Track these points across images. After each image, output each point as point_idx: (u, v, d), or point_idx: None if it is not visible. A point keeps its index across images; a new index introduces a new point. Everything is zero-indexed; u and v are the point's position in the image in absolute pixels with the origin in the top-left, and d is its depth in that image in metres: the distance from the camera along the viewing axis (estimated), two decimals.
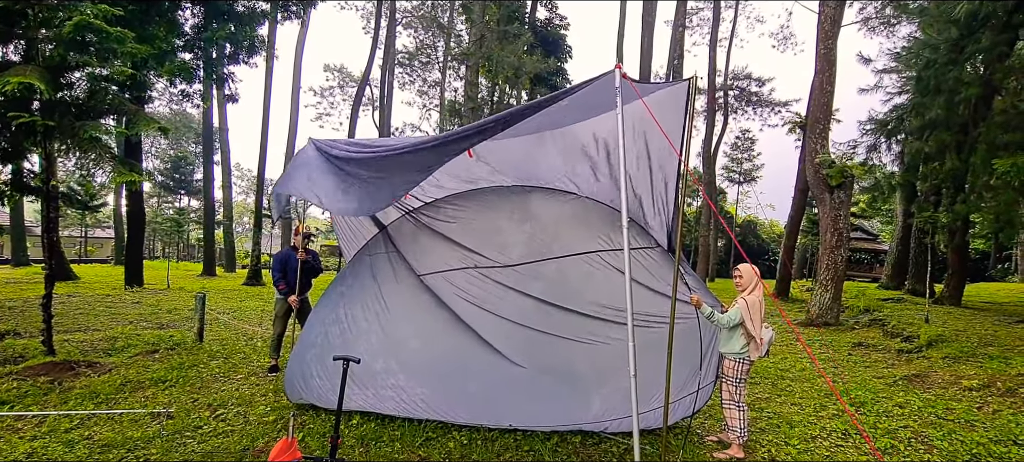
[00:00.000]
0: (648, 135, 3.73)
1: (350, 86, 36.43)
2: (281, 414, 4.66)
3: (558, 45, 21.44)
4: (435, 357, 4.91)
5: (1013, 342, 8.05)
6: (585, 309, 4.69)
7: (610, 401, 4.44)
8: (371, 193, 3.93)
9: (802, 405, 5.61)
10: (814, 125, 12.63)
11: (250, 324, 9.67)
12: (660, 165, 3.88)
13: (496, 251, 4.94)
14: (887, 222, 32.24)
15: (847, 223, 12.09)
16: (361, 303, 5.26)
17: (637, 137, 3.80)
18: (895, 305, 13.92)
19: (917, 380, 6.68)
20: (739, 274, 4.38)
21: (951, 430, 4.69)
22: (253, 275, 17.73)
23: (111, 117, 7.24)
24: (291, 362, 5.00)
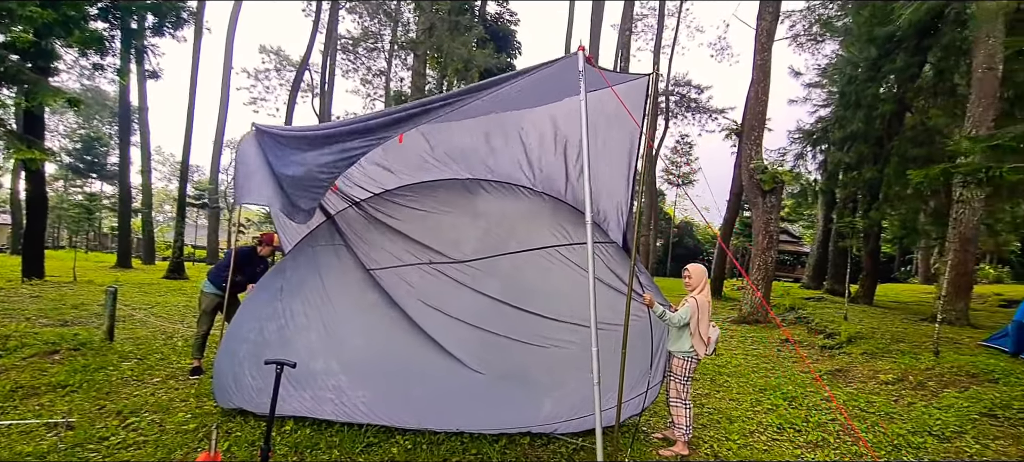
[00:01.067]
0: (607, 129, 3.67)
1: (288, 70, 34.54)
2: (204, 422, 4.23)
3: (508, 41, 21.34)
4: (380, 357, 4.64)
5: (920, 339, 8.79)
6: (541, 309, 4.59)
7: (562, 404, 4.36)
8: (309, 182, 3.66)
9: (739, 400, 5.81)
10: (750, 132, 13.25)
11: (170, 321, 8.88)
12: (618, 160, 3.83)
13: (450, 246, 4.75)
14: (808, 226, 34.69)
15: (778, 226, 12.79)
16: (302, 297, 4.92)
17: (596, 130, 3.74)
18: (817, 304, 14.92)
19: (840, 375, 7.12)
20: (689, 274, 4.44)
21: (874, 422, 5.00)
22: (175, 268, 16.39)
23: (7, 87, 6.37)
24: (220, 359, 4.58)
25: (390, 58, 30.30)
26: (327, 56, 24.58)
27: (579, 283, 4.53)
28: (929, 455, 4.24)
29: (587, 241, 2.79)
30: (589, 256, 2.80)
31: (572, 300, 4.49)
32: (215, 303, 5.60)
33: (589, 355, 4.54)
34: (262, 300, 4.88)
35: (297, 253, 5.15)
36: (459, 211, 4.81)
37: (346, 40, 30.10)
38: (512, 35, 21.90)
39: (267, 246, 5.83)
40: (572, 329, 4.55)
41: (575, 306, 4.49)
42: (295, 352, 4.62)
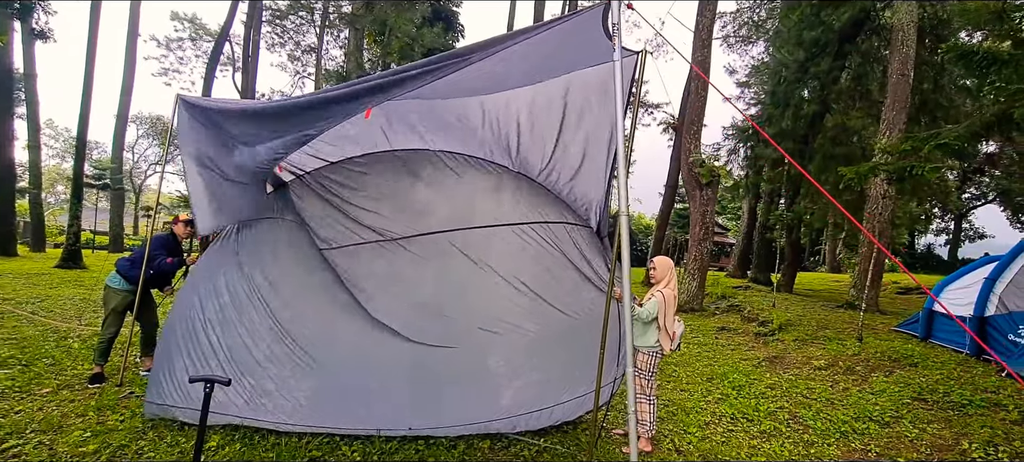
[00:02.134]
0: (586, 108, 3.43)
1: (205, 41, 31.61)
2: (106, 442, 3.59)
3: (451, 23, 20.65)
4: (331, 345, 4.26)
5: (842, 325, 9.40)
6: (503, 301, 4.31)
7: (522, 396, 4.13)
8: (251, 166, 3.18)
9: (691, 391, 5.86)
10: (689, 127, 13.62)
11: (64, 318, 7.73)
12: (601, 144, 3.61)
13: (413, 219, 4.40)
14: (732, 219, 36.84)
15: (713, 218, 13.29)
16: (245, 274, 4.40)
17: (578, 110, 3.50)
18: (745, 293, 15.73)
19: (776, 361, 7.42)
20: (654, 267, 4.33)
21: (818, 409, 5.17)
22: (70, 256, 14.46)
23: None
24: (158, 347, 4.09)
25: (321, 34, 28.49)
26: (251, 27, 22.65)
27: (548, 265, 4.32)
28: (872, 440, 4.42)
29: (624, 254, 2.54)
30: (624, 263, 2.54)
31: (540, 282, 4.26)
32: (126, 301, 4.86)
33: (548, 345, 4.40)
34: (204, 274, 4.35)
35: (242, 225, 4.58)
36: (424, 184, 4.47)
37: (272, 12, 27.96)
38: (455, 17, 21.21)
39: (185, 226, 5.22)
40: (534, 317, 4.32)
41: (541, 290, 4.28)
42: (235, 334, 4.17)
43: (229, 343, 4.10)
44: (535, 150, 4.11)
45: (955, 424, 4.56)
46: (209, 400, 2.11)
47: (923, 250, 37.68)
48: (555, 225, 4.36)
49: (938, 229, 38.87)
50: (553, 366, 4.21)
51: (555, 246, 4.35)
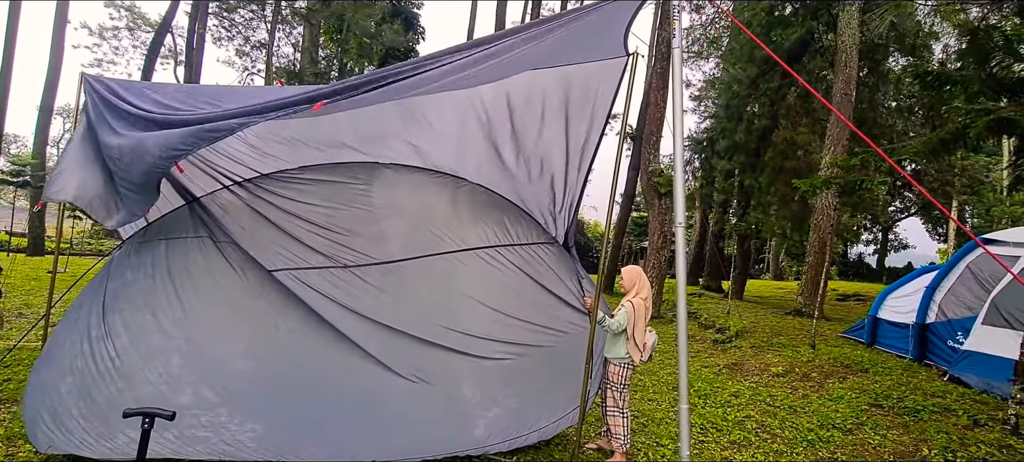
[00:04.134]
0: (563, 111, 3.28)
1: (144, 31, 29.64)
2: None
3: (412, 23, 20.24)
4: (277, 380, 3.77)
5: (794, 332, 9.72)
6: (473, 325, 4.04)
7: (496, 426, 3.84)
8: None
9: (658, 401, 5.82)
10: (648, 138, 13.86)
11: None
12: (575, 148, 3.46)
13: (369, 244, 4.01)
14: None
15: (671, 227, 13.56)
16: (151, 307, 3.84)
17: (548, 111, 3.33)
18: (699, 300, 16.14)
19: (735, 368, 7.54)
20: (622, 277, 4.23)
21: (784, 417, 5.24)
22: None
23: None
24: (29, 396, 3.40)
25: (272, 29, 27.32)
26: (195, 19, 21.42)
27: (519, 288, 4.11)
28: (838, 448, 4.49)
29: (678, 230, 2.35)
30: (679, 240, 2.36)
31: (511, 306, 4.03)
32: None
33: (524, 370, 4.18)
34: (87, 314, 3.72)
35: (138, 249, 4.02)
36: (379, 201, 4.11)
37: (220, 4, 26.57)
38: (416, 18, 20.83)
39: None
40: (504, 340, 4.09)
41: (513, 313, 4.05)
42: (146, 383, 3.59)
43: (138, 396, 3.51)
44: (503, 154, 3.91)
45: (913, 430, 4.71)
46: (148, 437, 1.79)
47: (854, 259, 40.22)
48: (522, 247, 4.16)
49: (867, 240, 41.60)
50: (530, 391, 3.98)
51: (523, 269, 4.14)
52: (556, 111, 3.47)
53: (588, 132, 3.39)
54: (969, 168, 22.61)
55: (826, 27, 14.61)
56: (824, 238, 12.22)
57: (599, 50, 2.86)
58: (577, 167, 3.60)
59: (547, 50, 2.49)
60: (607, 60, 3.03)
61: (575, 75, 3.23)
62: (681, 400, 2.45)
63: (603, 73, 3.00)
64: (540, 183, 3.90)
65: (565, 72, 3.22)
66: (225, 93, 3.11)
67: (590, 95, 3.31)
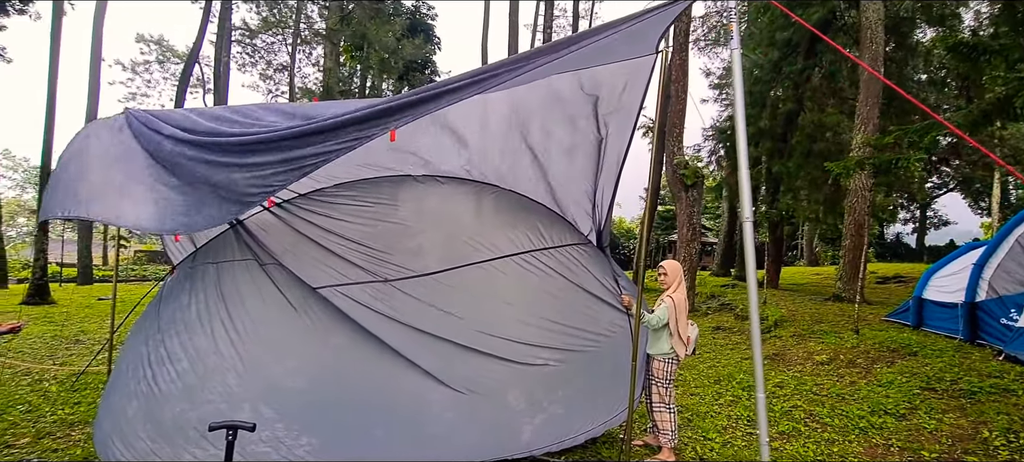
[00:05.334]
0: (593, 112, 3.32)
1: (173, 63, 30.81)
2: None
3: (428, 35, 20.55)
4: (329, 396, 3.88)
5: (835, 318, 9.51)
6: (513, 332, 4.09)
7: (542, 432, 3.88)
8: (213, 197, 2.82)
9: (701, 395, 5.78)
10: (672, 130, 13.73)
11: (35, 359, 7.25)
12: (606, 148, 3.49)
13: (409, 257, 4.11)
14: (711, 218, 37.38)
15: (700, 219, 13.40)
16: (205, 330, 4.02)
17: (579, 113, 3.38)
18: (732, 290, 15.88)
19: (777, 358, 7.43)
20: (664, 271, 4.24)
21: (832, 406, 5.15)
22: (37, 291, 13.71)
23: None
24: (100, 421, 3.62)
25: (293, 51, 28.06)
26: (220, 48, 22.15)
27: (556, 292, 4.15)
28: (892, 434, 4.39)
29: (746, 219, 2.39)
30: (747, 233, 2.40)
31: (551, 311, 4.07)
32: None
33: (568, 376, 4.22)
34: (146, 339, 3.92)
35: (192, 274, 4.21)
36: (415, 213, 4.21)
37: (242, 31, 27.43)
38: (431, 29, 21.13)
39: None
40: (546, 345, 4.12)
41: (554, 319, 4.09)
42: (208, 402, 3.76)
43: (200, 415, 3.65)
44: (534, 158, 3.96)
45: (970, 412, 4.58)
46: (232, 449, 1.91)
47: (892, 239, 38.91)
48: (557, 249, 4.20)
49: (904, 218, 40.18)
50: (575, 397, 4.00)
51: (560, 272, 4.18)
52: (586, 112, 3.50)
53: (619, 131, 3.42)
54: (1008, 138, 21.68)
55: (848, 3, 14.26)
56: (860, 220, 11.92)
57: (630, 49, 2.90)
58: (610, 167, 3.63)
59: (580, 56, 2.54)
60: (637, 58, 3.07)
61: (604, 75, 3.27)
62: (758, 389, 2.48)
63: (632, 71, 3.03)
64: (573, 185, 3.95)
65: (594, 72, 3.26)
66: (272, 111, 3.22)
67: (620, 93, 3.34)
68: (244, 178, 2.75)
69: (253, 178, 2.73)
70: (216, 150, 2.82)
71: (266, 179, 2.70)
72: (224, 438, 2.67)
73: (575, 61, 2.60)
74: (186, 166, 2.90)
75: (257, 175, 2.73)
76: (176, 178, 2.99)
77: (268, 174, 2.70)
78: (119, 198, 3.08)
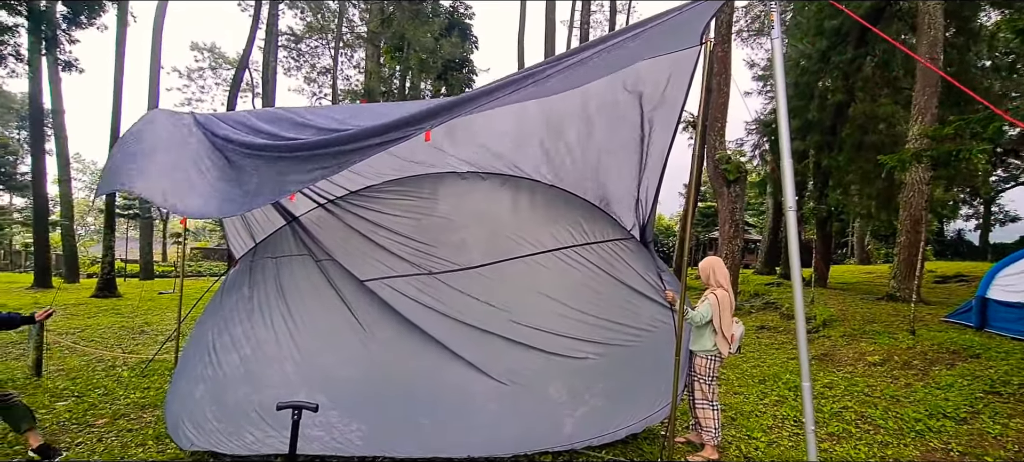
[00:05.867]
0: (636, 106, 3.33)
1: (224, 69, 32.36)
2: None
3: (466, 34, 20.80)
4: (377, 385, 4.07)
5: (888, 318, 9.10)
6: (555, 325, 4.15)
7: (584, 424, 3.93)
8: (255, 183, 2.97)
9: (745, 394, 5.67)
10: (713, 124, 13.42)
11: (106, 347, 7.82)
12: (649, 142, 3.50)
13: (453, 251, 4.24)
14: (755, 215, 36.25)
15: (743, 215, 13.05)
16: (265, 320, 4.27)
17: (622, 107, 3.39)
18: (777, 289, 15.38)
19: (826, 359, 7.18)
20: (698, 271, 4.21)
21: (886, 408, 4.96)
22: (105, 285, 14.76)
23: None
24: (170, 403, 3.89)
25: (336, 54, 28.92)
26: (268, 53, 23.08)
27: (599, 287, 4.18)
28: (951, 438, 4.20)
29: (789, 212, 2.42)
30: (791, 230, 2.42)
31: (592, 306, 4.11)
32: None
33: (608, 369, 4.24)
34: (212, 327, 4.21)
35: (253, 267, 4.47)
36: (460, 209, 4.33)
37: (288, 36, 28.47)
38: (469, 28, 21.37)
39: None
40: (587, 339, 4.16)
41: (595, 313, 4.13)
42: (269, 387, 4.01)
43: (261, 399, 3.90)
44: (586, 156, 3.99)
45: None
46: (297, 428, 2.06)
47: (953, 236, 36.66)
48: (599, 245, 4.22)
49: (966, 214, 37.75)
50: (616, 390, 4.03)
51: (602, 267, 4.20)
52: (629, 107, 3.51)
53: (663, 126, 3.41)
54: None
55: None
56: (917, 215, 11.32)
57: (673, 42, 2.90)
58: (653, 163, 3.62)
59: (623, 52, 2.57)
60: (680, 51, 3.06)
61: (647, 69, 3.27)
62: (803, 378, 2.46)
63: (675, 64, 3.02)
64: (616, 181, 3.96)
65: (636, 67, 3.26)
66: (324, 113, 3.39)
67: (663, 87, 3.33)
68: (297, 177, 2.91)
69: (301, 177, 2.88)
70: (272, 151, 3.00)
71: (312, 173, 2.83)
72: (284, 420, 2.83)
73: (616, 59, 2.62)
74: (238, 162, 3.08)
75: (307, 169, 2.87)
76: (226, 170, 3.15)
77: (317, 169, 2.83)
78: (165, 179, 3.15)
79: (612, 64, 2.71)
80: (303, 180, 2.86)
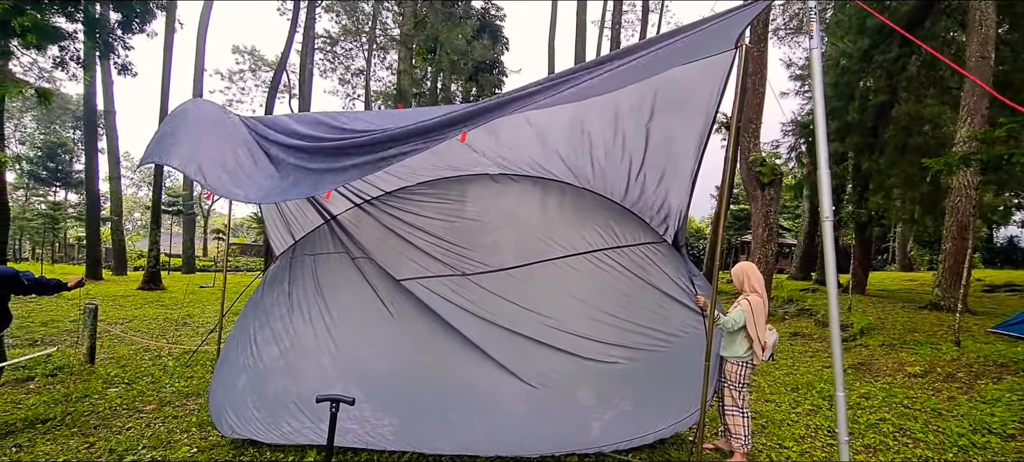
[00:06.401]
0: (669, 109, 3.32)
1: (263, 71, 33.44)
2: (212, 457, 3.74)
3: (496, 35, 20.95)
4: (409, 381, 4.17)
5: (931, 328, 8.73)
6: (585, 329, 4.17)
7: (612, 428, 3.92)
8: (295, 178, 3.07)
9: (777, 402, 5.56)
10: (747, 125, 13.13)
11: (152, 337, 8.23)
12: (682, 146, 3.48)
13: (485, 253, 4.31)
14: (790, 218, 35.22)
15: (777, 219, 12.72)
16: (304, 315, 4.43)
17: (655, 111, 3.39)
18: (812, 295, 14.94)
19: (863, 368, 6.96)
20: (730, 276, 4.16)
21: (926, 421, 4.79)
22: (151, 278, 15.49)
23: None
24: (214, 390, 4.09)
25: (369, 56, 29.53)
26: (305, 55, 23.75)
27: (629, 291, 4.18)
28: (997, 455, 4.03)
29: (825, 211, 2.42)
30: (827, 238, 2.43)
31: (622, 310, 4.12)
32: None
33: (639, 374, 4.24)
34: (254, 319, 4.40)
35: (292, 263, 4.64)
36: (493, 211, 4.40)
37: (323, 39, 29.22)
38: (500, 30, 21.50)
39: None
40: (617, 343, 4.16)
41: (625, 316, 4.13)
42: (306, 378, 4.16)
43: (300, 391, 4.04)
44: (617, 160, 3.99)
45: None
46: (335, 420, 2.16)
47: (1003, 243, 34.80)
48: (630, 248, 4.21)
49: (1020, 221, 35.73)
50: (645, 395, 4.01)
51: (633, 271, 4.19)
52: (662, 111, 3.49)
53: (698, 129, 3.39)
54: None
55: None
56: (964, 221, 10.82)
57: (708, 48, 2.89)
58: (685, 165, 3.60)
59: (657, 58, 2.58)
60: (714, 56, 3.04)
61: (681, 73, 3.26)
62: (837, 388, 2.43)
63: (709, 68, 3.01)
64: (647, 183, 3.95)
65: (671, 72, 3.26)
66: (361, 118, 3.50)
67: (696, 91, 3.31)
68: (333, 177, 3.03)
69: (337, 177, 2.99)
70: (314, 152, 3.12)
71: (347, 172, 2.93)
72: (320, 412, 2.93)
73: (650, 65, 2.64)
74: (277, 155, 3.21)
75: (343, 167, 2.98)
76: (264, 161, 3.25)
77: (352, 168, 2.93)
78: (203, 158, 3.22)
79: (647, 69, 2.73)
80: (339, 179, 2.97)
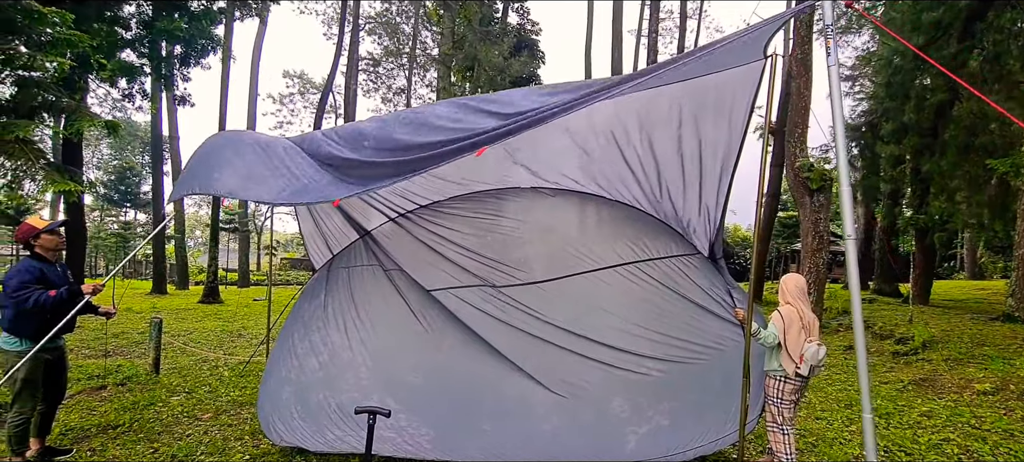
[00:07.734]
0: (700, 120, 3.30)
1: (311, 93, 35.09)
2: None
3: (532, 51, 21.18)
4: (443, 392, 4.27)
5: (1004, 341, 8.11)
6: (617, 340, 4.14)
7: (648, 442, 3.88)
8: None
9: (829, 420, 5.31)
10: (793, 130, 12.68)
11: (210, 349, 8.72)
12: (714, 157, 3.45)
13: (516, 266, 4.37)
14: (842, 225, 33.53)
15: (828, 226, 12.17)
16: (341, 328, 4.59)
17: (685, 122, 3.38)
18: (870, 306, 14.16)
19: (925, 384, 6.54)
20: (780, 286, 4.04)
21: (996, 443, 4.46)
22: (210, 292, 16.42)
23: (45, 116, 6.30)
24: (262, 401, 4.29)
25: (410, 75, 30.48)
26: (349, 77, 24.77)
27: (662, 304, 4.13)
28: None
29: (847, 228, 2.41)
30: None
31: (655, 322, 4.07)
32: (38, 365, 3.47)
33: (675, 386, 4.16)
34: (295, 332, 4.59)
35: (330, 276, 4.83)
36: (523, 224, 4.45)
37: (367, 61, 30.40)
38: (535, 44, 21.74)
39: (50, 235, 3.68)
40: (658, 358, 4.11)
41: (658, 329, 4.08)
42: (344, 390, 4.32)
43: (339, 401, 4.18)
44: (650, 171, 3.97)
45: None
46: (372, 431, 2.26)
47: None
48: (663, 261, 4.16)
49: None
50: (683, 409, 3.95)
51: (665, 284, 4.13)
52: (692, 121, 3.47)
53: (728, 140, 3.35)
54: None
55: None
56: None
57: (737, 57, 2.87)
58: (718, 176, 3.55)
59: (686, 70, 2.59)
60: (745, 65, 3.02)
61: (710, 84, 3.24)
62: (864, 410, 2.35)
63: (740, 78, 2.98)
64: (680, 195, 3.91)
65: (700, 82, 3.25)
66: None
67: (727, 101, 3.28)
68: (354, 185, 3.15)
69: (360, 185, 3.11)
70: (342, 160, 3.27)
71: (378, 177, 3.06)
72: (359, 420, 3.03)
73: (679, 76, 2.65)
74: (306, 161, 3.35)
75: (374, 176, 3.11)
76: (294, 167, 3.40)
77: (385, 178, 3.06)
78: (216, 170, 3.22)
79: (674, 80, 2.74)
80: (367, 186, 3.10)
